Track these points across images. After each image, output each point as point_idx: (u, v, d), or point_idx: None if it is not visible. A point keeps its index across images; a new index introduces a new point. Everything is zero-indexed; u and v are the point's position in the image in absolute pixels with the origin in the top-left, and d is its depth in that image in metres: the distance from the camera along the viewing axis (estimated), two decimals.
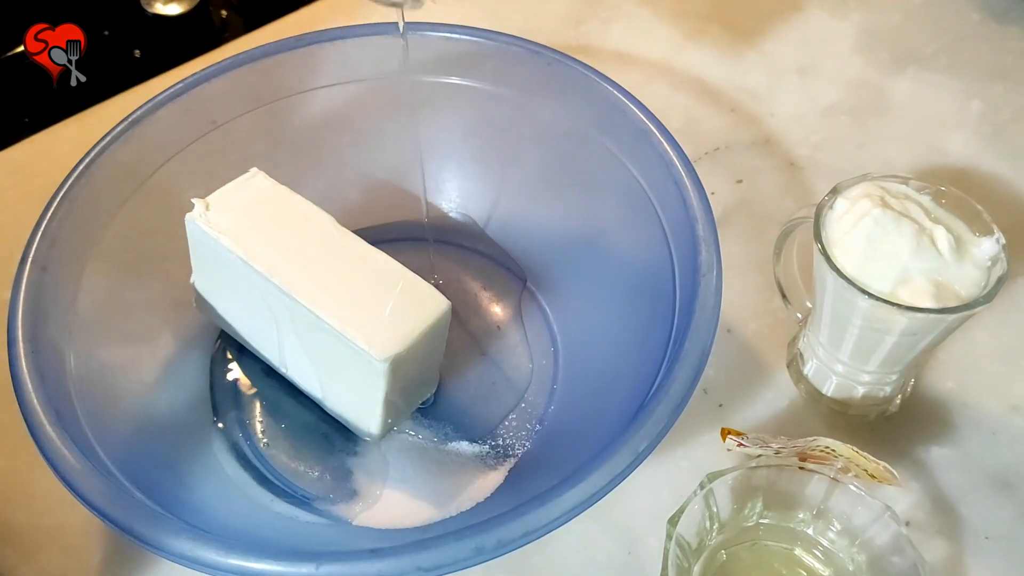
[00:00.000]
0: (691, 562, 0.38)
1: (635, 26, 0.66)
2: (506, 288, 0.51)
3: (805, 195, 0.56)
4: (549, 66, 0.47)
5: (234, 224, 0.42)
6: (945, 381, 0.48)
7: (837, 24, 0.66)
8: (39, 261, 0.40)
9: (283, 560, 0.32)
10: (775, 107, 0.61)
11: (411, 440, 0.44)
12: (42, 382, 0.37)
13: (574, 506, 0.34)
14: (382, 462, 0.44)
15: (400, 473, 0.43)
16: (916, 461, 0.45)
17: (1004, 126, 0.60)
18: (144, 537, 0.33)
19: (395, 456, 0.44)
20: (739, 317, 0.50)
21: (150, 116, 0.46)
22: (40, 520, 0.43)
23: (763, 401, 0.47)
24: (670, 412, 0.36)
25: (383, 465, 0.44)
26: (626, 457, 0.35)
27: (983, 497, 0.44)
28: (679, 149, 0.44)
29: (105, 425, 0.39)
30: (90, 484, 0.34)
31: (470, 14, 0.65)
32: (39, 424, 0.36)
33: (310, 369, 0.44)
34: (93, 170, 0.43)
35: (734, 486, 0.39)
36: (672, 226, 0.43)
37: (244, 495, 0.42)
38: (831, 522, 0.40)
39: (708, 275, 0.40)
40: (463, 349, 0.48)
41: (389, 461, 0.44)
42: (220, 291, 0.45)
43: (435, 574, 0.32)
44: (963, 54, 0.64)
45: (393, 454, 0.44)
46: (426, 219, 0.51)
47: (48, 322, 0.40)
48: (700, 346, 0.38)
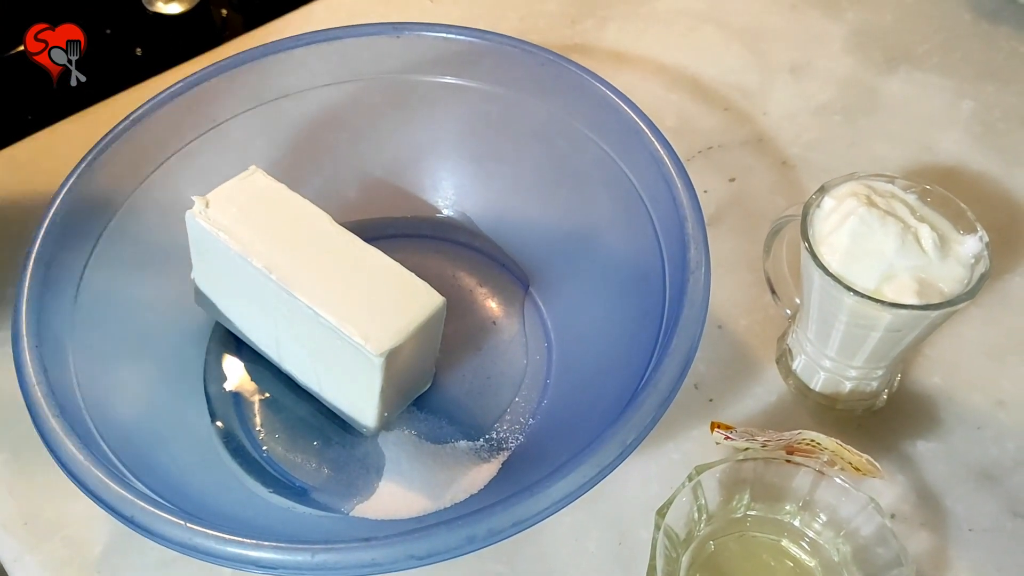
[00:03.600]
0: (679, 553, 0.39)
1: (630, 25, 0.66)
2: (500, 284, 0.51)
3: (797, 193, 0.56)
4: (543, 66, 0.48)
5: (233, 221, 0.42)
6: (932, 376, 0.48)
7: (830, 24, 0.67)
8: (43, 256, 0.41)
9: (279, 548, 0.33)
10: (768, 106, 0.61)
11: (406, 433, 0.45)
12: (45, 375, 0.38)
13: (563, 496, 0.34)
14: (378, 455, 0.44)
15: (395, 465, 0.44)
16: (902, 455, 0.46)
17: (994, 125, 0.60)
18: (144, 525, 0.34)
19: (390, 449, 0.45)
20: (730, 313, 0.51)
21: (151, 115, 0.46)
22: (42, 511, 0.44)
23: (753, 396, 0.48)
24: (658, 405, 0.37)
25: (379, 457, 0.44)
26: (614, 449, 0.35)
27: (967, 491, 0.45)
28: (670, 148, 0.45)
29: (107, 418, 0.39)
30: (92, 474, 0.35)
31: (467, 13, 0.66)
32: (43, 416, 0.37)
33: (307, 363, 0.44)
34: (95, 167, 0.44)
35: (722, 478, 0.40)
36: (662, 224, 0.44)
37: (241, 486, 0.43)
38: (817, 514, 0.41)
39: (697, 271, 0.40)
40: (458, 344, 0.49)
41: (385, 454, 0.44)
42: (219, 287, 0.46)
43: (427, 562, 0.33)
44: (955, 54, 0.65)
45: (389, 447, 0.45)
46: (416, 216, 0.51)
47: (51, 316, 0.40)
48: (688, 340, 0.39)
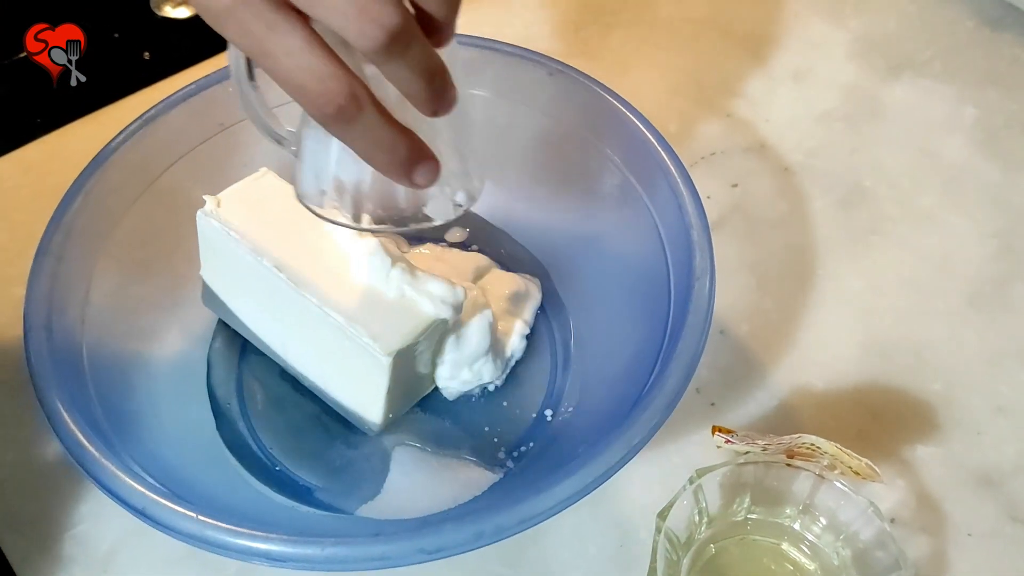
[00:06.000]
0: (680, 555, 0.40)
1: (634, 32, 0.67)
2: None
3: (799, 199, 0.57)
4: (550, 75, 0.49)
5: (244, 221, 0.43)
6: (932, 383, 0.49)
7: (833, 30, 0.67)
8: (54, 252, 0.42)
9: (290, 541, 0.33)
10: (771, 113, 0.62)
11: (411, 434, 0.45)
12: (57, 370, 0.38)
13: (569, 495, 0.35)
14: (382, 455, 0.45)
15: (400, 465, 0.44)
16: (902, 459, 0.46)
17: (997, 132, 0.61)
18: (155, 517, 0.34)
19: (395, 449, 0.45)
20: (732, 319, 0.51)
21: (160, 117, 0.47)
22: (50, 509, 0.44)
23: (754, 400, 0.48)
24: (663, 408, 0.38)
25: (383, 458, 0.45)
26: (620, 450, 0.36)
27: (967, 495, 0.45)
28: (675, 157, 0.45)
29: (117, 413, 0.40)
30: (104, 467, 0.36)
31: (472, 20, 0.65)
32: (55, 411, 0.37)
33: (314, 362, 0.45)
34: (106, 168, 0.45)
35: (723, 482, 0.41)
36: (668, 231, 0.44)
37: (246, 485, 0.43)
38: (817, 518, 0.41)
39: (702, 279, 0.41)
40: None
41: (390, 453, 0.45)
42: (228, 285, 0.46)
43: (435, 557, 0.34)
44: (957, 60, 0.65)
45: (393, 447, 0.45)
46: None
47: (63, 312, 0.41)
48: (693, 346, 0.39)
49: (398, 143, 0.31)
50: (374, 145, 0.31)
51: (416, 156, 0.32)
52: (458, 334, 0.44)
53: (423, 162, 0.32)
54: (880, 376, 0.49)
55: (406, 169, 0.32)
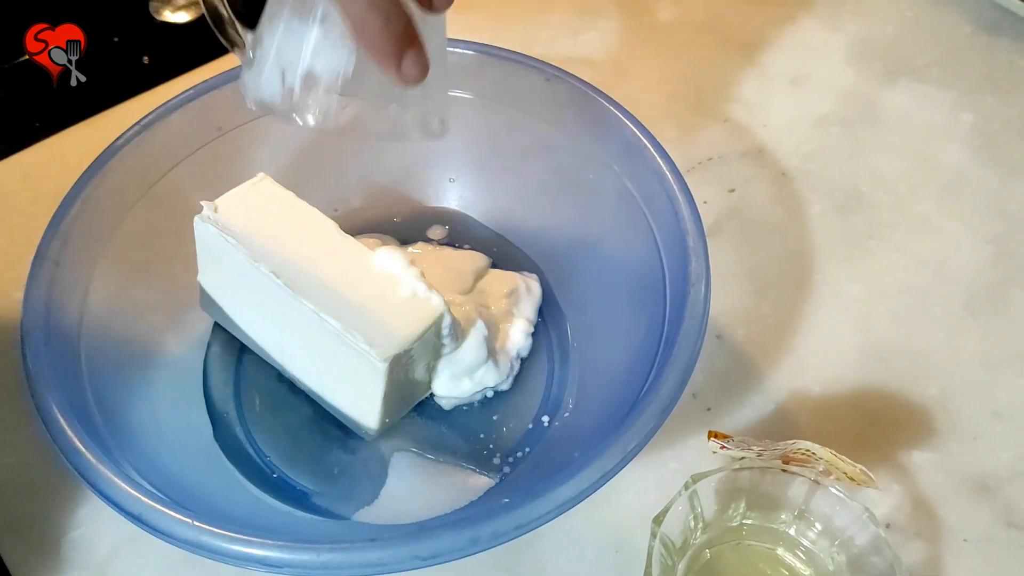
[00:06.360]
0: (675, 560, 0.40)
1: (631, 36, 0.67)
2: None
3: (796, 204, 0.57)
4: (548, 81, 0.49)
5: (241, 226, 0.43)
6: (928, 387, 0.49)
7: (830, 35, 0.67)
8: (52, 257, 0.42)
9: (285, 547, 0.33)
10: (768, 118, 0.62)
11: (407, 439, 0.46)
12: (54, 374, 0.38)
13: (565, 501, 0.35)
14: (379, 460, 0.45)
15: (397, 470, 0.44)
16: (897, 465, 0.46)
17: (994, 137, 0.61)
18: (152, 523, 0.34)
19: (392, 454, 0.45)
20: (728, 323, 0.51)
21: (158, 122, 0.47)
22: (48, 513, 0.44)
23: (750, 406, 0.48)
24: (659, 413, 0.38)
25: (380, 463, 0.45)
26: (616, 455, 0.36)
27: (962, 501, 0.45)
28: (671, 163, 0.45)
29: (114, 418, 0.40)
30: (101, 473, 0.36)
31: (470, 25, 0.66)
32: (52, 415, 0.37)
33: (310, 367, 0.45)
34: (105, 173, 0.45)
35: (718, 487, 0.41)
36: (664, 236, 0.44)
37: (243, 489, 0.43)
38: (812, 523, 0.41)
39: (697, 284, 0.41)
40: None
41: (386, 458, 0.45)
42: (225, 290, 0.46)
43: (431, 563, 0.34)
44: (954, 66, 0.65)
45: (390, 452, 0.45)
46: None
47: (61, 316, 0.41)
48: (688, 351, 0.39)
49: (394, 14, 0.29)
50: (370, 5, 0.29)
51: (411, 38, 0.30)
52: (452, 353, 0.44)
53: (414, 48, 0.30)
54: (877, 381, 0.49)
55: (398, 47, 0.30)
